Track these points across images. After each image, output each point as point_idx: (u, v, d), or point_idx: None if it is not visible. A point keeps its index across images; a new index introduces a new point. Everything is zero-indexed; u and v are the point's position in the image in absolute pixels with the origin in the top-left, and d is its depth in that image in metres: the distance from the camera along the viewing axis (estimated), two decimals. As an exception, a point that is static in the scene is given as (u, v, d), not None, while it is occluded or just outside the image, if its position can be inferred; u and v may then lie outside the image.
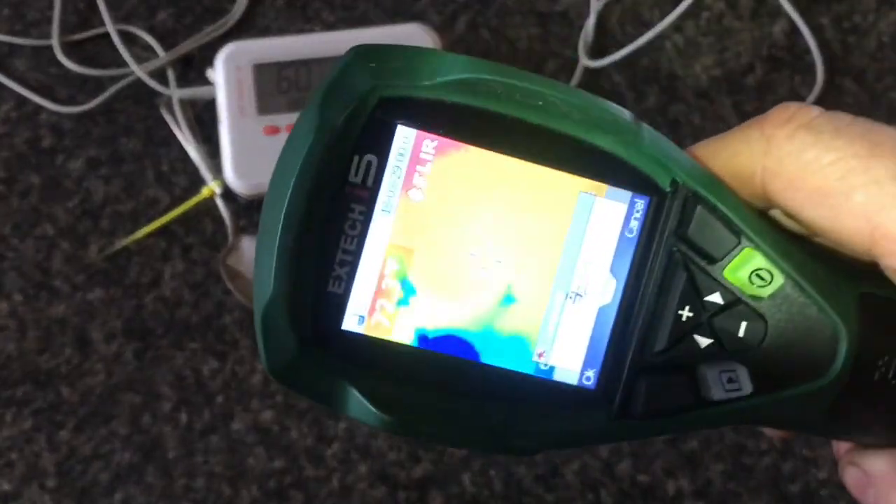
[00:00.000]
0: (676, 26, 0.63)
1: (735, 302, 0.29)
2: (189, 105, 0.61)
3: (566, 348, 0.30)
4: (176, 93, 0.60)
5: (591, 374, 0.30)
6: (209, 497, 0.56)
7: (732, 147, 0.30)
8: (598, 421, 0.30)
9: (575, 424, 0.30)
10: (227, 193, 0.59)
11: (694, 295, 0.29)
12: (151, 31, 0.63)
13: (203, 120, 0.61)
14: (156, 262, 0.59)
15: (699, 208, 0.29)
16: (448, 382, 0.29)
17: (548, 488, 0.56)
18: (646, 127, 0.30)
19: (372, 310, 0.29)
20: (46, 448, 0.56)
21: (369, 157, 0.29)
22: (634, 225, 0.30)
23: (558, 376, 0.30)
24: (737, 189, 0.29)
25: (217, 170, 0.59)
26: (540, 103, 0.29)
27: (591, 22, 0.63)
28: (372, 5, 0.63)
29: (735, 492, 0.57)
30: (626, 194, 0.30)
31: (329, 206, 0.28)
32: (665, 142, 0.30)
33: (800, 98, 0.63)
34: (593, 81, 0.62)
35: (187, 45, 0.62)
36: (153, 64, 0.61)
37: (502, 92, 0.29)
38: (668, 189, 0.30)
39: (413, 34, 0.60)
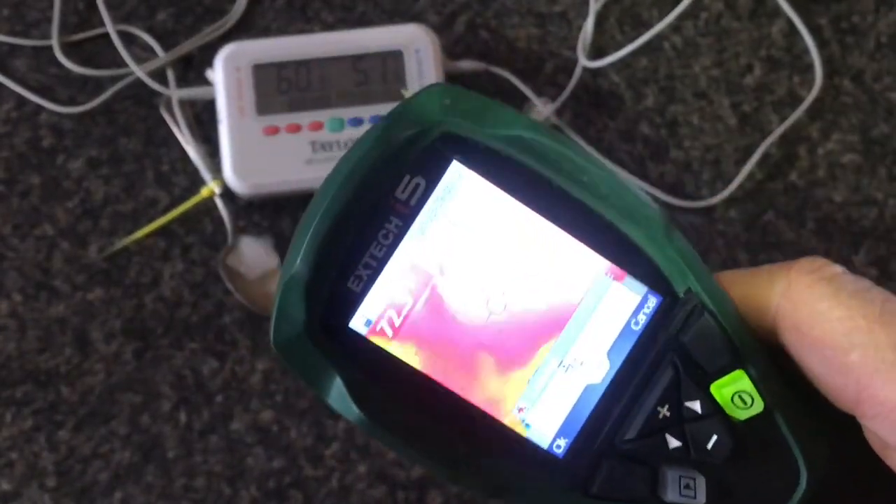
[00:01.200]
0: (675, 27, 0.64)
1: (712, 415, 0.30)
2: (189, 105, 0.61)
3: (546, 412, 0.31)
4: (176, 93, 0.60)
5: (562, 442, 0.31)
6: (209, 497, 0.56)
7: (756, 280, 0.31)
8: (555, 487, 0.31)
9: (533, 483, 0.31)
10: (227, 193, 0.59)
11: (676, 397, 0.30)
12: (151, 31, 0.63)
13: (203, 120, 0.61)
14: (156, 262, 0.59)
15: (704, 321, 0.30)
16: (427, 405, 0.31)
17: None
18: (677, 231, 0.31)
19: (380, 317, 0.31)
20: (46, 448, 0.56)
21: (419, 179, 0.30)
22: (642, 318, 0.31)
23: (531, 435, 0.31)
24: (747, 316, 0.31)
25: (217, 170, 0.59)
26: (584, 179, 0.30)
27: (589, 22, 0.63)
28: (371, 6, 0.63)
29: None
30: (643, 288, 0.31)
31: (370, 211, 0.30)
32: (691, 250, 0.31)
33: (798, 98, 0.63)
34: (592, 81, 0.63)
35: (187, 46, 0.62)
36: (153, 64, 0.61)
37: (554, 159, 0.30)
38: (681, 294, 0.31)
39: (412, 34, 0.60)
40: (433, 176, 0.30)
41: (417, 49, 0.60)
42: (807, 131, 0.62)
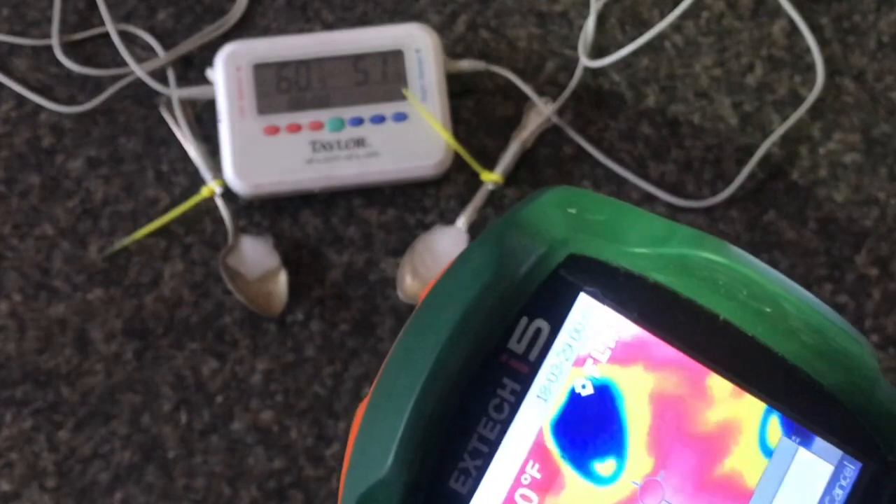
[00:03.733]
0: (676, 26, 0.63)
1: None
2: (189, 105, 0.61)
3: None
4: (176, 92, 0.60)
5: None
6: (209, 497, 0.56)
7: None
8: None
9: None
10: (227, 193, 0.59)
11: None
12: (151, 30, 0.62)
13: (203, 120, 0.61)
14: (156, 262, 0.59)
15: None
16: None
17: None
18: (884, 379, 0.24)
19: None
20: (46, 448, 0.56)
21: (540, 322, 0.23)
22: (839, 493, 0.23)
23: None
24: None
25: (217, 170, 0.59)
26: (768, 310, 0.22)
27: (590, 21, 0.63)
28: (371, 5, 0.63)
29: None
30: (836, 453, 0.23)
31: (476, 376, 0.22)
32: None
33: (800, 98, 0.63)
34: (593, 81, 0.62)
35: (187, 45, 0.62)
36: (153, 64, 0.61)
37: (724, 283, 0.23)
38: (892, 458, 0.23)
39: (413, 34, 0.60)
40: (557, 316, 0.23)
41: (418, 48, 0.59)
42: (808, 131, 0.62)
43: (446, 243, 0.59)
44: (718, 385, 0.22)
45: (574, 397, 0.22)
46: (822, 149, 0.62)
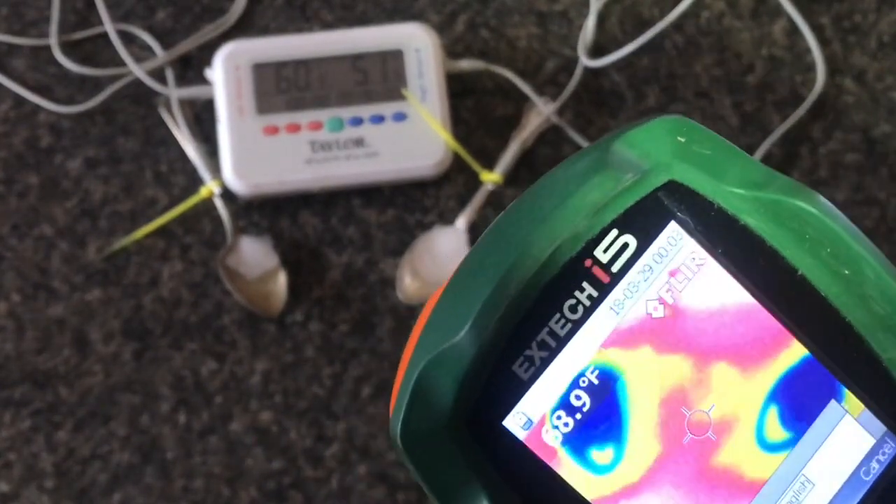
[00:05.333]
0: (676, 25, 0.63)
1: None
2: (188, 105, 0.61)
3: None
4: (175, 92, 0.60)
5: None
6: (208, 498, 0.56)
7: None
8: None
9: None
10: (226, 193, 0.59)
11: None
12: (150, 30, 0.62)
13: (202, 120, 0.61)
14: (154, 262, 0.59)
15: None
16: None
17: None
18: None
19: (544, 419, 0.23)
20: (45, 449, 0.56)
21: (628, 237, 0.23)
22: (874, 467, 0.24)
23: None
24: None
25: (216, 170, 0.59)
26: (846, 272, 0.23)
27: (590, 21, 0.63)
28: (371, 5, 0.63)
29: None
30: (880, 428, 0.24)
31: (560, 272, 0.23)
32: None
33: (800, 98, 0.62)
34: (593, 81, 0.62)
35: (186, 45, 0.62)
36: (152, 63, 0.61)
37: (811, 238, 0.23)
38: None
39: (412, 33, 0.60)
40: (645, 235, 0.23)
41: (418, 48, 0.59)
42: (808, 131, 0.62)
43: (446, 243, 0.59)
44: (781, 340, 0.23)
45: (643, 317, 0.22)
46: (823, 149, 0.62)
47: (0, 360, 0.57)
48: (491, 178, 0.59)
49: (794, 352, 0.23)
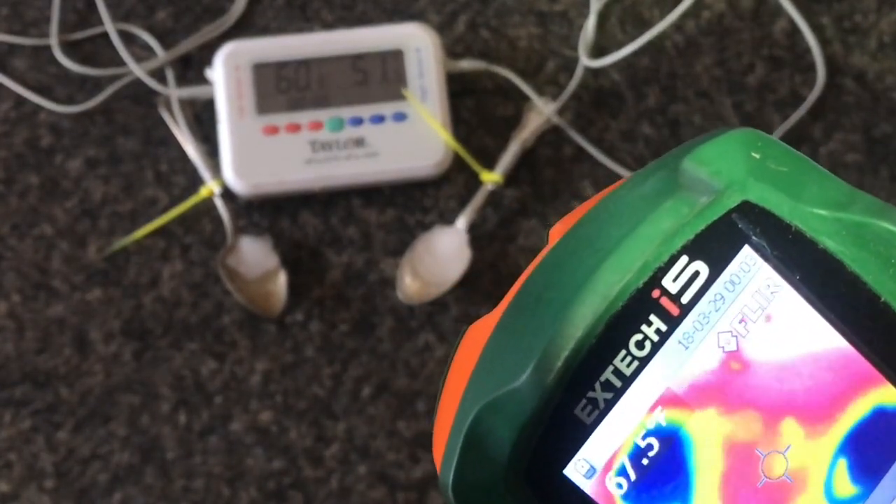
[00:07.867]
0: (677, 26, 0.63)
1: None
2: (188, 105, 0.61)
3: None
4: (175, 92, 0.60)
5: None
6: (208, 498, 0.56)
7: None
8: None
9: None
10: (227, 193, 0.59)
11: None
12: (150, 30, 0.62)
13: (202, 120, 0.61)
14: (154, 262, 0.59)
15: None
16: None
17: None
18: None
19: (610, 465, 0.22)
20: (45, 449, 0.56)
21: (699, 264, 0.21)
22: None
23: None
24: None
25: (216, 170, 0.59)
26: None
27: (591, 21, 0.63)
28: (371, 5, 0.63)
29: None
30: None
31: (626, 305, 0.21)
32: None
33: (800, 98, 0.62)
34: (593, 81, 0.62)
35: (186, 45, 0.62)
36: (152, 63, 0.61)
37: None
38: None
39: (413, 33, 0.60)
40: (718, 261, 0.21)
41: (418, 48, 0.59)
42: (809, 131, 0.62)
43: (446, 244, 0.59)
44: (869, 380, 0.21)
45: (714, 352, 0.20)
46: (823, 149, 0.62)
47: (0, 360, 0.57)
48: (491, 178, 0.59)
49: (882, 393, 0.21)
